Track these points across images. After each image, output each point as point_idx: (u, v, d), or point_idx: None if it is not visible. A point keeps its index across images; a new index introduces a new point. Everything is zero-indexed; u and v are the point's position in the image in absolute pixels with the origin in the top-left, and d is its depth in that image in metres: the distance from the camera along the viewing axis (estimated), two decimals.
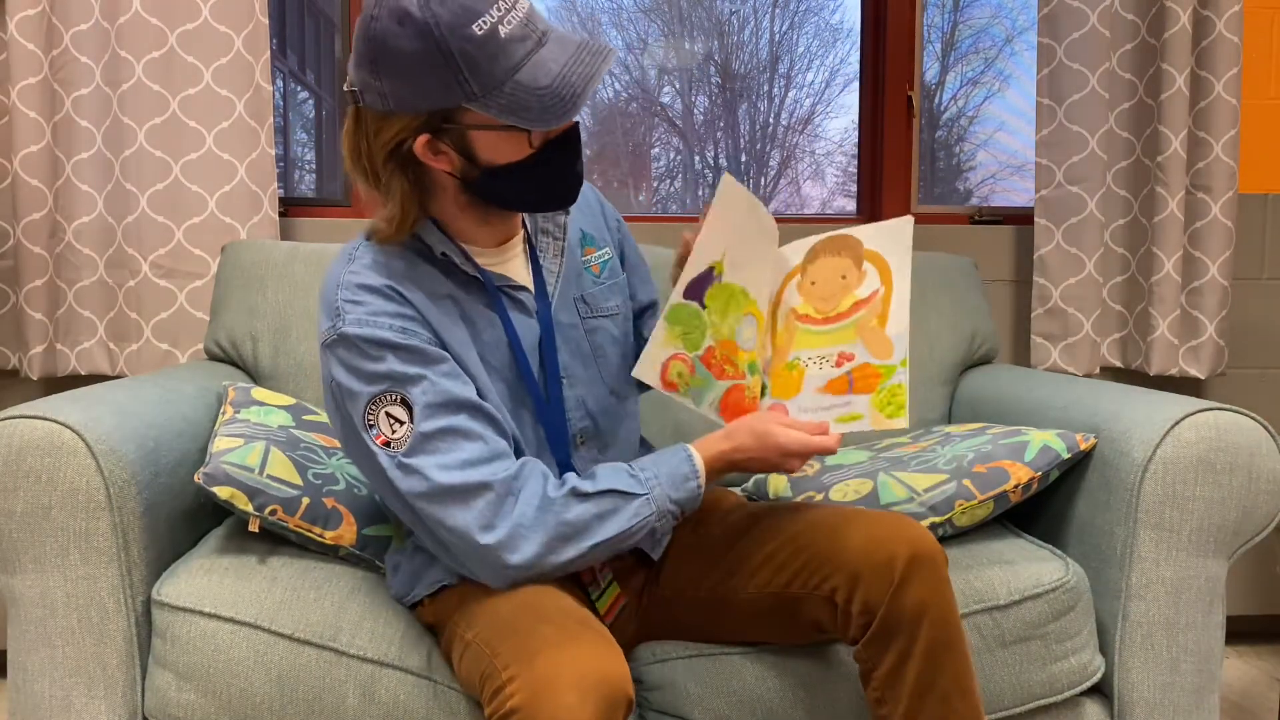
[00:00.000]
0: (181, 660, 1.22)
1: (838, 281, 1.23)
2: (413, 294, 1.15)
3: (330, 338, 1.13)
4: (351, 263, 1.17)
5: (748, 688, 1.25)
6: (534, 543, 1.10)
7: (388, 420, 1.11)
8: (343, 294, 1.14)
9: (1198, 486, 1.33)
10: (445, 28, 1.03)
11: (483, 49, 1.04)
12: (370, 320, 1.12)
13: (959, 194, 2.78)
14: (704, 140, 3.04)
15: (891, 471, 1.51)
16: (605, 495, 1.13)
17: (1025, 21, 2.65)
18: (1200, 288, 2.16)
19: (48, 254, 2.00)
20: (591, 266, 1.31)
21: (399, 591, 1.27)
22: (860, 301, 1.21)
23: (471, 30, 1.04)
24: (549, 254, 1.27)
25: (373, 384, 1.12)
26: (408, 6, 1.04)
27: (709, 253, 1.18)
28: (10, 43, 1.94)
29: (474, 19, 1.04)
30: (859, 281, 1.22)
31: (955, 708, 1.11)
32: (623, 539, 1.13)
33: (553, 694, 0.94)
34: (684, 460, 1.17)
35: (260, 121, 2.02)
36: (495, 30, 1.05)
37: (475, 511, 1.09)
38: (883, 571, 1.11)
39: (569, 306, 1.27)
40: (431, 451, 1.10)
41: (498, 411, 1.16)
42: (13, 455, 1.21)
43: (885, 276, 1.20)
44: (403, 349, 1.12)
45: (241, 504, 1.32)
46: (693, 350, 1.19)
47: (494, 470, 1.11)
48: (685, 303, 1.18)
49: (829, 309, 1.23)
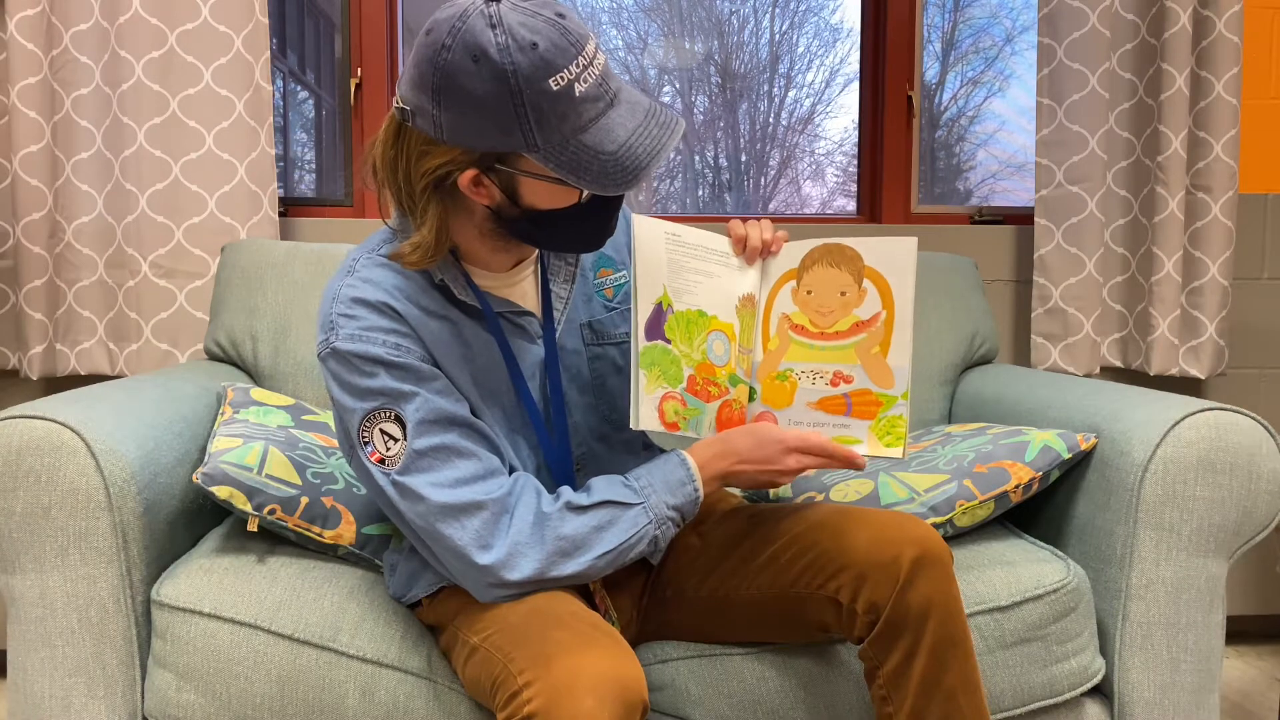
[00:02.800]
0: (181, 660, 1.22)
1: (836, 297, 1.21)
2: (408, 310, 1.14)
3: (324, 351, 1.13)
4: (349, 275, 1.16)
5: (749, 688, 1.25)
6: (532, 560, 1.09)
7: (382, 437, 1.11)
8: (338, 307, 1.13)
9: (1198, 486, 1.33)
10: (522, 78, 1.00)
11: (555, 105, 1.01)
12: (363, 335, 1.11)
13: (959, 194, 2.78)
14: (704, 140, 3.04)
15: (892, 472, 1.51)
16: (601, 507, 1.12)
17: (1026, 21, 2.65)
18: (1200, 288, 2.16)
19: (47, 254, 2.00)
20: (605, 290, 1.29)
21: (397, 591, 1.27)
22: (861, 323, 1.20)
23: (548, 85, 1.01)
24: (559, 278, 1.25)
25: (366, 400, 1.11)
26: (486, 46, 1.00)
27: (650, 293, 1.17)
28: (10, 43, 1.94)
29: (553, 73, 1.01)
30: (859, 301, 1.20)
31: (960, 705, 1.11)
32: (623, 551, 1.12)
33: (571, 699, 0.93)
34: (678, 465, 1.16)
35: (260, 121, 2.02)
36: (571, 88, 1.01)
37: (471, 531, 1.09)
38: (888, 570, 1.10)
39: (574, 332, 1.25)
40: (425, 469, 1.10)
41: (491, 430, 1.16)
42: (12, 455, 1.21)
43: (887, 300, 1.19)
44: (395, 366, 1.11)
45: (240, 503, 1.32)
46: (676, 385, 1.18)
47: (488, 488, 1.10)
48: (652, 344, 1.17)
49: (826, 325, 1.21)
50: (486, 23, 1.01)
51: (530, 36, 1.00)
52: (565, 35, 1.02)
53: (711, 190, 2.96)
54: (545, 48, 1.01)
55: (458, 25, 1.02)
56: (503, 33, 1.00)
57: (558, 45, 1.01)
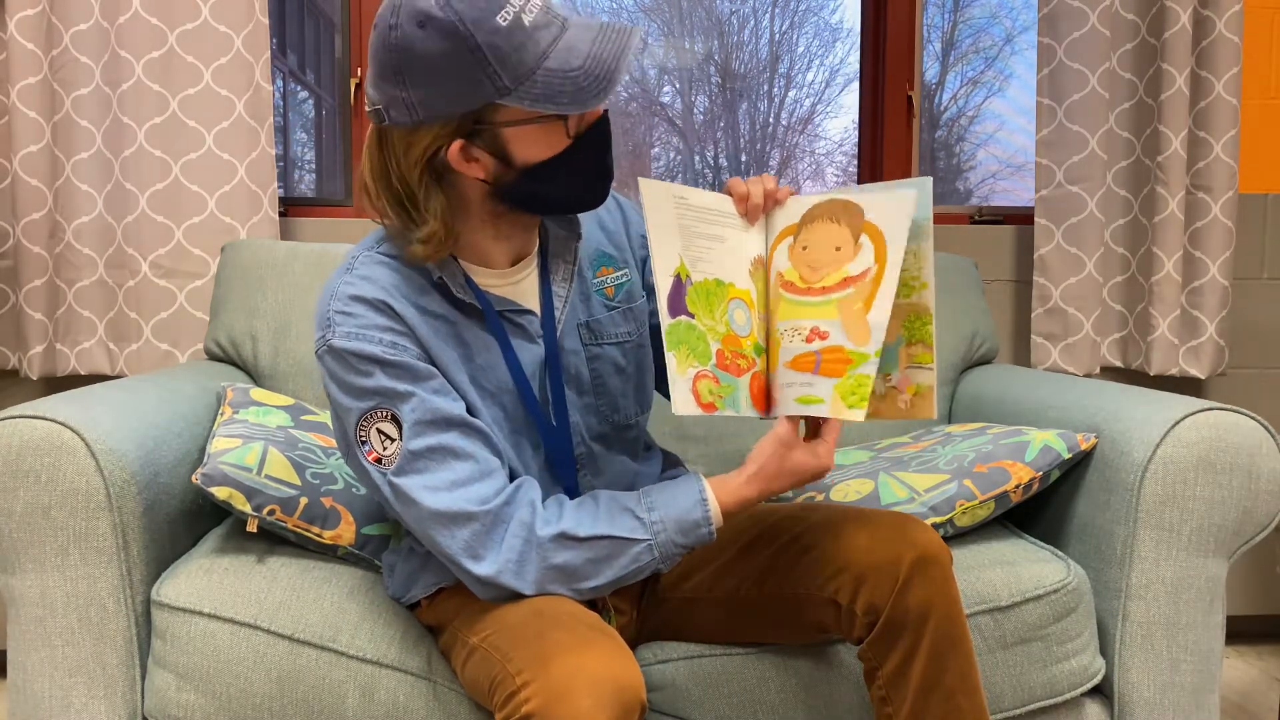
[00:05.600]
0: (181, 661, 1.22)
1: (830, 252, 1.15)
2: (405, 309, 1.13)
3: (321, 348, 1.13)
4: (348, 272, 1.16)
5: (749, 688, 1.25)
6: (524, 582, 1.09)
7: (379, 437, 1.11)
8: (335, 305, 1.13)
9: (1198, 486, 1.33)
10: (470, 23, 1.02)
11: (509, 39, 1.03)
12: (359, 334, 1.11)
13: (959, 194, 2.78)
14: (704, 140, 3.04)
15: (892, 472, 1.51)
16: (601, 540, 1.10)
17: (1025, 21, 2.65)
18: (1200, 288, 2.16)
19: (47, 254, 2.00)
20: (605, 289, 1.28)
21: (396, 592, 1.27)
22: (850, 279, 1.13)
23: (496, 22, 1.03)
24: (559, 276, 1.25)
25: (362, 399, 1.11)
26: (428, 8, 1.03)
27: (666, 263, 1.14)
28: (10, 43, 1.94)
29: (497, 10, 1.03)
30: (853, 256, 1.14)
31: (960, 706, 1.11)
32: (622, 580, 1.11)
33: (569, 700, 0.93)
34: (696, 504, 1.11)
35: (260, 121, 2.02)
36: (519, 19, 1.03)
37: (460, 541, 1.09)
38: (887, 572, 1.10)
39: (572, 332, 1.24)
40: (420, 470, 1.10)
41: (489, 429, 1.15)
42: (12, 455, 1.21)
43: (880, 254, 1.13)
44: (391, 365, 1.11)
45: (239, 504, 1.32)
46: (706, 362, 1.14)
47: (483, 494, 1.10)
48: (676, 321, 1.13)
49: (815, 279, 1.15)
50: None
51: None
52: None
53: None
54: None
55: (397, 3, 1.05)
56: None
57: None
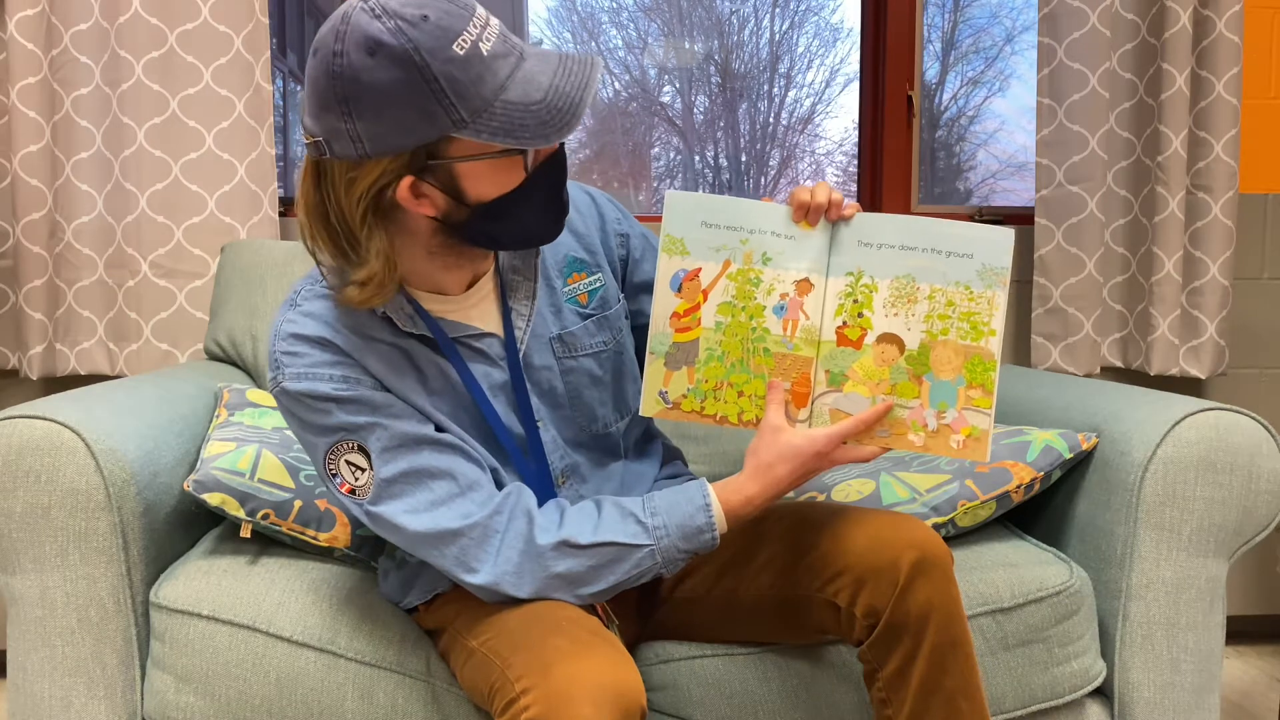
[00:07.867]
0: (180, 663, 1.22)
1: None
2: (349, 342, 1.09)
3: (274, 389, 1.10)
4: (292, 309, 1.12)
5: (750, 689, 1.25)
6: (523, 589, 1.09)
7: (349, 468, 1.09)
8: (279, 345, 1.10)
9: (1198, 486, 1.33)
10: (425, 51, 0.95)
11: (466, 70, 0.97)
12: (308, 373, 1.08)
13: (959, 194, 2.78)
14: (704, 140, 3.04)
15: (894, 472, 1.51)
16: (604, 547, 1.08)
17: (1026, 21, 2.65)
18: (1200, 288, 2.16)
19: (47, 254, 2.00)
20: (578, 296, 1.23)
21: (392, 597, 1.27)
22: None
23: (453, 50, 0.96)
24: (519, 295, 1.19)
25: (324, 435, 1.09)
26: (378, 35, 0.96)
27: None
28: (10, 43, 1.94)
29: (454, 38, 0.96)
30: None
31: (961, 708, 1.10)
32: (625, 584, 1.11)
33: (569, 706, 0.92)
34: (699, 510, 1.10)
35: (260, 121, 2.02)
36: (477, 48, 0.97)
37: (451, 557, 1.08)
38: (887, 574, 1.10)
39: (544, 348, 1.20)
40: (396, 496, 1.08)
41: (463, 441, 1.13)
42: (12, 455, 1.21)
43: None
44: (346, 400, 1.08)
45: (233, 509, 1.32)
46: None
47: (466, 510, 1.08)
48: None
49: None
50: (370, 15, 0.97)
51: (418, 11, 0.97)
52: (453, 1, 0.99)
53: (711, 190, 2.95)
54: (437, 16, 0.97)
55: (342, 28, 0.98)
56: (389, 17, 0.97)
57: (448, 12, 0.98)
